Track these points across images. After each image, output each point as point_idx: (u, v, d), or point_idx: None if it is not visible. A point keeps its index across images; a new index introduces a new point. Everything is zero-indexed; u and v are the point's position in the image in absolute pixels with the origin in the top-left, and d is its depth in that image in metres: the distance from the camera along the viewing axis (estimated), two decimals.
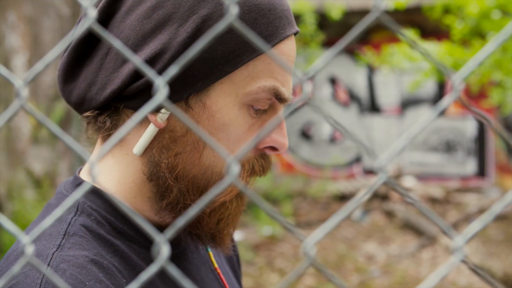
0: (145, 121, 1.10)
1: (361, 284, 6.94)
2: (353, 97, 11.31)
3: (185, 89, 1.06)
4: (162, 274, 1.14)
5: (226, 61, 1.06)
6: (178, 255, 1.20)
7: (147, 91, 1.07)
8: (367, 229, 8.92)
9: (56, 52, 0.56)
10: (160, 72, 1.05)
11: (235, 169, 0.57)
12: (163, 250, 0.57)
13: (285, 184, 10.44)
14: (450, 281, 6.93)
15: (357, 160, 11.30)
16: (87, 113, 1.14)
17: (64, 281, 0.97)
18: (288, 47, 1.13)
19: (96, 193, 1.14)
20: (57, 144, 5.92)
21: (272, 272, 7.42)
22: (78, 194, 0.58)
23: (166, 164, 1.10)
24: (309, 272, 7.32)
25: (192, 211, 0.56)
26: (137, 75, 1.06)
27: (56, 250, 1.03)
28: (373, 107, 11.18)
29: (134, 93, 1.07)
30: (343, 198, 10.00)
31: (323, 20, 10.04)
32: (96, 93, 1.09)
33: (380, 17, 0.57)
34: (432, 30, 8.40)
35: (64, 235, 1.06)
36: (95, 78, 1.09)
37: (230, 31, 1.05)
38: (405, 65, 6.06)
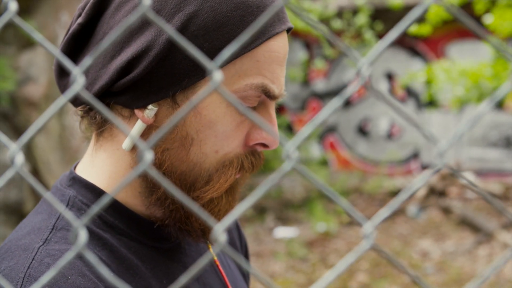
0: (133, 117, 1.12)
1: (414, 282, 6.86)
2: (410, 92, 11.18)
3: (171, 86, 1.07)
4: (154, 268, 1.15)
5: (212, 59, 1.07)
6: (172, 249, 1.21)
7: (134, 87, 1.08)
8: (422, 225, 8.81)
9: None
10: (146, 68, 1.06)
11: (149, 156, 0.58)
12: (81, 235, 0.59)
13: (341, 180, 10.39)
14: (506, 279, 6.79)
15: (415, 156, 11.16)
16: (80, 108, 1.17)
17: (47, 275, 1.00)
18: (278, 44, 1.12)
19: (87, 187, 1.16)
20: None
21: (325, 268, 7.40)
22: (8, 174, 0.60)
23: (153, 161, 1.12)
24: (362, 268, 7.29)
25: (106, 199, 0.58)
26: (124, 71, 1.07)
27: (42, 244, 1.05)
28: (431, 103, 11.02)
29: (122, 89, 1.09)
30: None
31: (379, 14, 9.95)
32: (86, 88, 1.12)
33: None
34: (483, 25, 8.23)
35: (52, 229, 1.08)
36: (86, 73, 1.12)
37: (216, 29, 1.06)
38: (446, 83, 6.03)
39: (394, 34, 0.55)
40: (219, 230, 0.57)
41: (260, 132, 1.14)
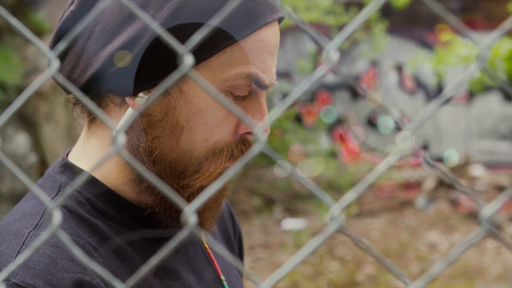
0: (124, 104, 1.13)
1: (421, 273, 6.87)
2: (419, 84, 11.15)
3: (162, 74, 1.08)
4: (144, 254, 1.16)
5: (203, 47, 1.07)
6: (163, 235, 1.21)
7: (124, 75, 1.09)
8: (431, 217, 8.80)
9: None
10: (137, 57, 1.07)
11: (121, 139, 0.59)
12: (55, 216, 0.60)
13: (349, 172, 10.38)
14: None
15: (424, 148, 11.14)
16: (72, 94, 1.18)
17: (36, 259, 1.01)
18: (269, 34, 1.13)
19: (79, 174, 1.17)
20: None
21: (332, 260, 7.41)
22: None
23: (143, 148, 1.12)
24: (369, 260, 7.29)
25: (83, 176, 0.59)
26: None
27: (33, 230, 1.07)
28: (440, 91, 10.99)
29: (113, 76, 1.10)
30: (408, 186, 9.88)
31: (387, 7, 9.93)
32: (78, 75, 1.13)
33: None
34: (499, 16, 8.21)
35: (43, 215, 1.10)
36: (78, 60, 1.13)
37: (206, 18, 1.06)
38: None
39: (359, 20, 0.55)
40: (189, 212, 0.57)
41: (251, 120, 1.15)
